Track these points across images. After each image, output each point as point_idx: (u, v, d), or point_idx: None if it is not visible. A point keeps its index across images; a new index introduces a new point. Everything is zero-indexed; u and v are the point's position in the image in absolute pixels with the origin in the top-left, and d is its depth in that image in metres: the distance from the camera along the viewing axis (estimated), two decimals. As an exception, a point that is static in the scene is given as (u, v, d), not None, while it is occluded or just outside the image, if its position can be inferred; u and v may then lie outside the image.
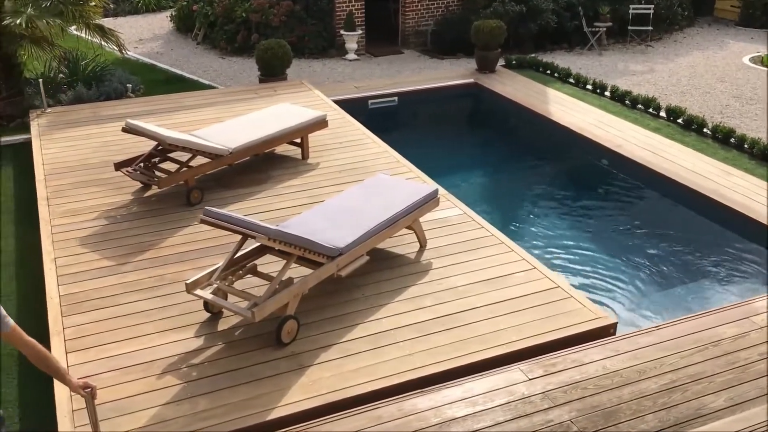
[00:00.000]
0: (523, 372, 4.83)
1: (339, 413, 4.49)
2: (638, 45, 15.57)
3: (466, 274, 5.99)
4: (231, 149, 7.36)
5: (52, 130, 9.08)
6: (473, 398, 4.60)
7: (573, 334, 5.28)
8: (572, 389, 4.68)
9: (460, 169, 9.62)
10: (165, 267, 6.10)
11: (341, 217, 5.78)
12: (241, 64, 13.67)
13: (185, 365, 4.91)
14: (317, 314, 5.44)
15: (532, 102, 11.12)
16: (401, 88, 11.79)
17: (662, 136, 9.69)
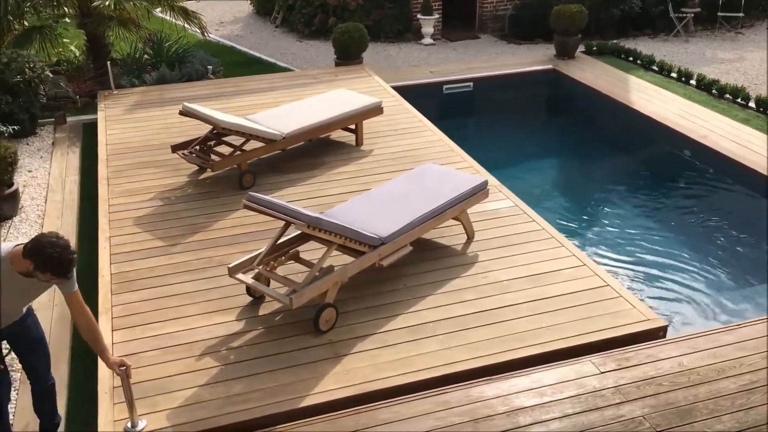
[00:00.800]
0: (594, 365, 4.75)
1: (406, 396, 4.51)
2: (728, 32, 14.87)
3: (512, 269, 5.88)
4: (284, 134, 7.41)
5: (117, 112, 9.34)
6: (541, 389, 4.56)
7: (617, 336, 5.11)
8: (646, 385, 4.58)
9: (531, 158, 9.49)
10: (214, 249, 6.21)
11: (386, 206, 5.75)
12: (317, 47, 13.78)
13: (224, 348, 4.99)
14: (357, 303, 5.44)
15: (613, 90, 10.79)
16: (477, 73, 11.63)
17: (751, 127, 9.29)
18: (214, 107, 8.72)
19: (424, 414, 4.36)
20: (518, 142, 10.08)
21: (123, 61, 11.08)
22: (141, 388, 4.60)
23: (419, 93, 10.83)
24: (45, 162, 8.57)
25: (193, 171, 7.60)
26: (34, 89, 9.13)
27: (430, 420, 4.33)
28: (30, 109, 9.14)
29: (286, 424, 4.34)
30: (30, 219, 7.28)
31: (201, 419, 4.41)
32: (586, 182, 8.92)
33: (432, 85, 11.22)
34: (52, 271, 3.70)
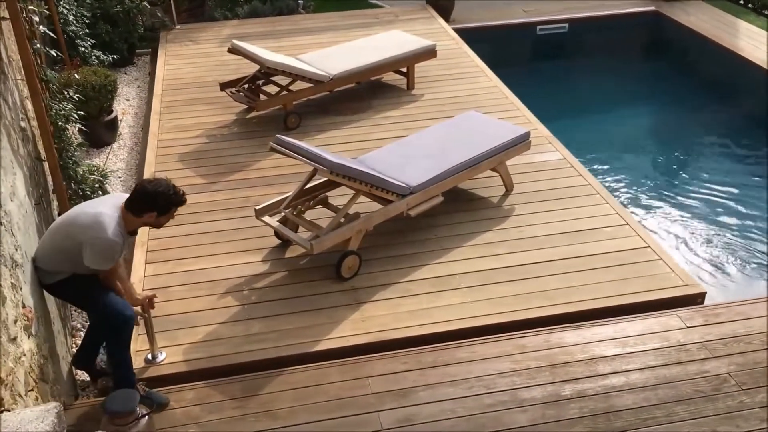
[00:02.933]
0: (681, 319, 4.68)
1: (485, 337, 4.55)
2: None
3: (550, 224, 5.69)
4: (332, 75, 7.31)
5: (178, 48, 9.43)
6: (624, 339, 4.52)
7: (654, 300, 4.91)
8: (734, 342, 4.48)
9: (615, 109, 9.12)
10: (252, 189, 6.25)
11: (420, 154, 5.62)
12: None
13: (248, 288, 5.06)
14: (384, 251, 5.39)
15: (720, 35, 10.13)
16: (573, 14, 11.04)
17: None
18: (268, 46, 8.69)
19: (502, 355, 4.40)
20: (604, 91, 9.64)
21: None
22: (164, 322, 4.72)
23: (509, 34, 10.50)
24: (142, 92, 8.77)
25: (241, 110, 7.62)
26: (132, 19, 9.30)
27: (507, 362, 4.36)
28: (129, 39, 9.36)
29: (311, 364, 4.39)
30: (127, 146, 7.55)
31: (218, 355, 4.50)
32: (670, 137, 8.47)
33: (525, 25, 10.76)
34: (177, 204, 3.90)
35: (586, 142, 7.80)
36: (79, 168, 5.69)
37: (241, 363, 4.46)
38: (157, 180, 3.90)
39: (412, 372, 4.31)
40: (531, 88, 8.23)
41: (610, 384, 4.19)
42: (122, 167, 7.06)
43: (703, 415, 3.97)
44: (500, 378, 4.25)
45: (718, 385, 4.16)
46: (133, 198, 3.84)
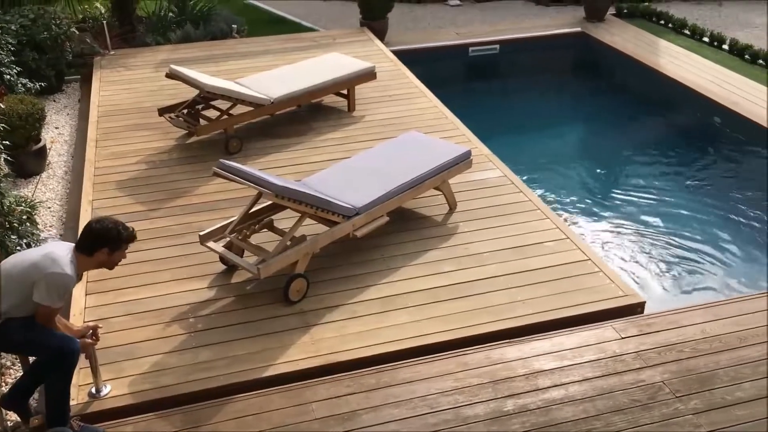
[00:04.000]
0: (616, 330, 4.77)
1: (427, 356, 4.55)
2: None
3: (493, 241, 5.80)
4: (273, 99, 7.31)
5: (112, 73, 9.28)
6: (562, 352, 4.59)
7: (594, 312, 5.03)
8: (667, 351, 4.59)
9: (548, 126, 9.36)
10: (195, 215, 6.18)
11: (364, 175, 5.67)
12: (342, 6, 13.59)
13: (194, 315, 4.98)
14: (331, 273, 5.39)
15: (642, 54, 10.56)
16: (504, 35, 11.41)
17: None
18: (207, 70, 8.63)
19: (444, 374, 4.42)
20: (537, 108, 9.92)
21: (148, 18, 10.97)
22: (108, 354, 4.60)
23: (444, 55, 10.74)
24: (72, 119, 8.55)
25: (181, 135, 7.54)
26: (60, 46, 9.08)
27: (449, 380, 4.39)
28: (57, 66, 9.12)
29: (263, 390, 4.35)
30: (57, 175, 7.30)
31: (165, 386, 4.41)
32: (603, 152, 8.75)
33: (458, 47, 11.05)
34: (128, 240, 3.95)
35: (524, 158, 7.98)
36: (5, 199, 5.48)
37: (190, 393, 4.38)
38: (103, 217, 3.96)
39: (356, 395, 4.30)
40: (467, 108, 8.42)
41: (550, 397, 4.26)
42: (52, 197, 6.83)
43: (640, 424, 4.06)
44: (443, 397, 4.27)
45: (653, 394, 4.26)
46: (83, 238, 3.88)
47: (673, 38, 11.27)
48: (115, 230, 3.86)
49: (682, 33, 11.52)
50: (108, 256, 3.90)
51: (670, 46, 10.88)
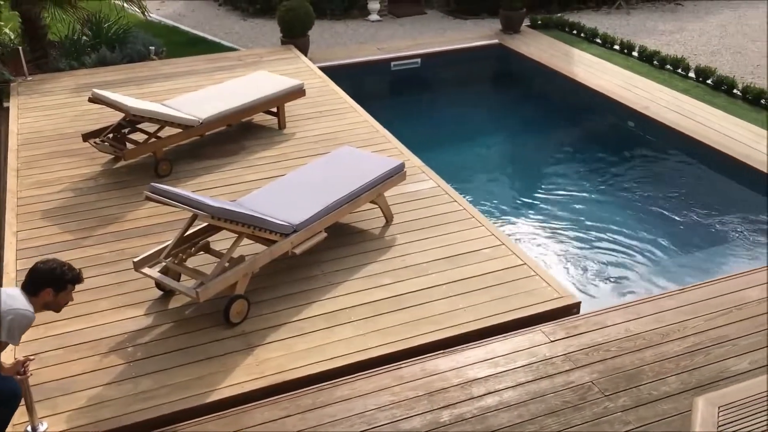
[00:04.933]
0: (545, 334, 4.85)
1: (364, 372, 4.52)
2: (668, 3, 15.19)
3: (430, 251, 5.86)
4: (202, 119, 7.23)
5: (30, 99, 8.99)
6: (495, 359, 4.63)
7: (533, 315, 5.14)
8: (594, 351, 4.69)
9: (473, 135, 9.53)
10: (127, 241, 6.03)
11: (300, 192, 5.65)
12: (263, 25, 13.57)
13: (133, 344, 4.85)
14: (271, 292, 5.35)
15: (558, 63, 10.89)
16: (424, 49, 11.60)
17: (691, 97, 9.48)
18: (131, 93, 8.46)
19: (380, 389, 4.40)
20: (461, 119, 10.10)
21: (61, 43, 10.65)
22: (43, 390, 4.44)
23: (367, 71, 10.85)
24: None
25: (108, 160, 7.35)
26: None
27: (386, 395, 4.37)
28: None
29: (208, 416, 4.26)
30: None
31: (105, 419, 4.28)
32: (527, 159, 8.98)
33: (380, 62, 11.18)
34: (73, 280, 3.97)
35: (453, 168, 8.10)
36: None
37: (131, 424, 4.27)
38: (50, 259, 3.97)
39: (292, 417, 4.24)
40: (393, 121, 8.51)
41: (485, 405, 4.29)
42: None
43: (572, 425, 4.13)
44: (380, 412, 4.25)
45: (583, 394, 4.35)
46: (28, 278, 3.84)
47: (586, 47, 11.68)
48: (59, 270, 3.87)
49: (594, 42, 11.95)
50: (53, 297, 3.87)
51: (583, 55, 11.26)
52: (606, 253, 6.78)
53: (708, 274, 6.15)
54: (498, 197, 7.81)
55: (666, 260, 6.68)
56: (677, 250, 6.83)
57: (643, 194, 7.80)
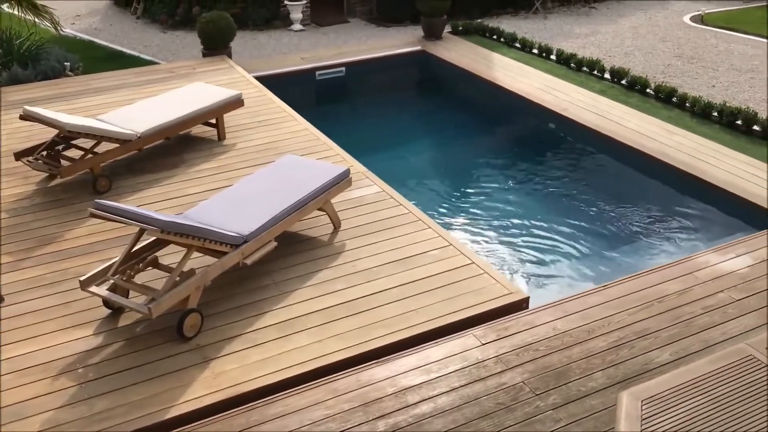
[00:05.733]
0: (476, 337, 4.89)
1: (298, 387, 4.47)
2: (582, 7, 15.69)
3: (380, 255, 5.92)
4: (139, 133, 7.11)
5: (-46, 118, 8.66)
6: (428, 366, 4.64)
7: (483, 312, 5.26)
8: (524, 351, 4.75)
9: (403, 140, 9.64)
10: (69, 261, 5.89)
11: (247, 202, 5.64)
12: (183, 38, 13.35)
13: (85, 364, 4.75)
14: (224, 304, 5.31)
15: (479, 68, 11.09)
16: (348, 58, 11.65)
17: (607, 97, 9.78)
18: (61, 109, 8.26)
19: (315, 403, 4.36)
20: (390, 125, 10.22)
21: None
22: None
23: (292, 81, 10.82)
24: None
25: (42, 178, 7.16)
26: None
27: (321, 409, 4.34)
28: None
29: None
30: None
31: (61, 443, 4.18)
32: (458, 161, 9.13)
33: (304, 72, 11.17)
34: None
35: (388, 174, 8.15)
36: None
37: (89, 446, 4.19)
38: None
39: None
40: (321, 130, 8.51)
41: (420, 412, 4.30)
42: None
43: (506, 426, 4.19)
44: (316, 427, 4.21)
45: (515, 395, 4.41)
46: None
47: (506, 51, 11.97)
48: None
49: (514, 46, 12.25)
50: None
51: (503, 59, 11.54)
52: (535, 251, 6.94)
53: (631, 269, 6.33)
54: (427, 200, 7.93)
55: (591, 256, 6.89)
56: (602, 246, 7.05)
57: (566, 193, 8.06)
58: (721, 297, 5.27)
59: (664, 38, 13.24)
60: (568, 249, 6.95)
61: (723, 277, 5.52)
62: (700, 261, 5.75)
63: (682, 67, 11.52)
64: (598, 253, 6.94)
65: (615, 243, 7.10)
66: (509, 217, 7.54)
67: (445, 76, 11.80)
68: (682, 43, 12.92)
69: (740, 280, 5.47)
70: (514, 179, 8.47)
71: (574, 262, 6.78)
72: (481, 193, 8.17)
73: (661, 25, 14.25)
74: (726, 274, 5.55)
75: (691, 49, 12.54)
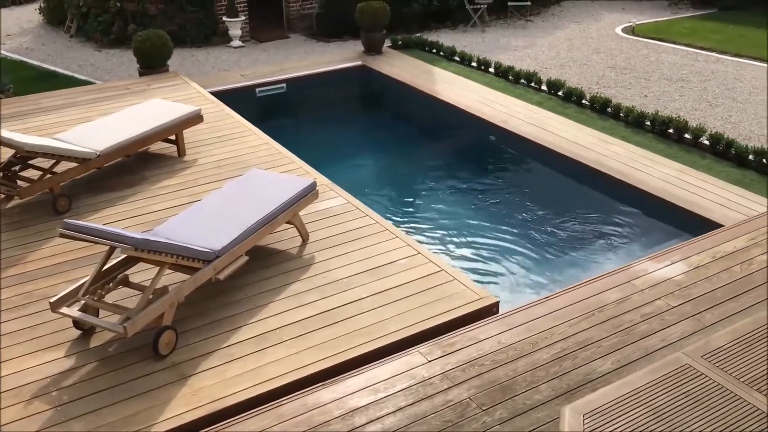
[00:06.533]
0: (422, 354, 4.85)
1: (245, 413, 4.37)
2: (519, 20, 15.98)
3: (350, 266, 5.96)
4: (98, 152, 7.01)
5: None
6: (375, 386, 4.57)
7: (457, 317, 5.34)
8: (470, 367, 4.73)
9: (349, 155, 9.62)
10: (34, 282, 5.76)
11: (216, 218, 5.62)
12: (119, 56, 13.13)
13: (58, 387, 4.65)
14: (198, 320, 5.28)
15: (419, 82, 11.19)
16: (289, 74, 11.64)
17: (545, 109, 9.95)
18: (16, 128, 8.09)
19: (260, 430, 4.24)
20: (332, 140, 10.20)
21: None
22: (-35, 446, 4.19)
23: (232, 98, 10.67)
24: None
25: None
26: None
27: None
28: None
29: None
30: None
31: (39, 468, 4.10)
32: (405, 174, 9.17)
33: (244, 89, 11.10)
34: None
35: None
36: None
37: (68, 469, 4.11)
38: None
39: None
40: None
41: None
42: None
43: None
44: None
45: (462, 411, 4.37)
46: None
47: (446, 65, 12.09)
48: None
49: (453, 60, 12.39)
50: None
51: (443, 73, 11.64)
52: (478, 263, 7.01)
53: (573, 278, 6.42)
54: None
55: (533, 268, 6.93)
56: (543, 256, 7.11)
57: (506, 204, 8.12)
58: (659, 304, 5.28)
59: (597, 49, 13.58)
60: (508, 263, 7.00)
61: (660, 284, 5.53)
62: (638, 269, 5.74)
63: (616, 78, 11.82)
64: (540, 264, 6.99)
65: (557, 253, 7.17)
66: (450, 230, 7.58)
67: (386, 90, 11.85)
68: (614, 54, 13.26)
69: (676, 286, 5.48)
70: (454, 190, 8.52)
71: (517, 275, 6.82)
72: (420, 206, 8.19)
73: (594, 36, 14.62)
74: (662, 281, 5.57)
75: (624, 59, 12.89)
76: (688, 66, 12.43)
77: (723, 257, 5.84)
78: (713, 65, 12.44)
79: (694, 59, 12.84)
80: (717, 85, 11.34)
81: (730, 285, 5.47)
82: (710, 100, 10.66)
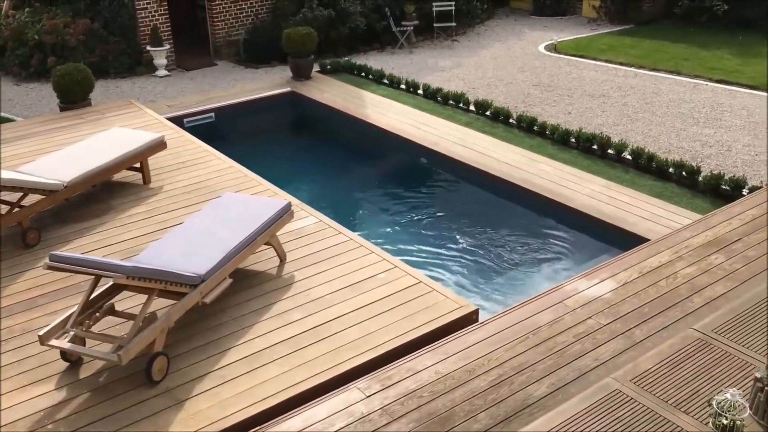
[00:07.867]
0: (360, 390, 4.65)
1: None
2: (445, 41, 16.25)
3: (330, 282, 6.07)
4: (66, 183, 6.96)
5: None
6: (312, 426, 4.33)
7: (440, 327, 5.50)
8: (408, 400, 4.55)
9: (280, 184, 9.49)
10: (12, 318, 5.69)
11: (197, 243, 5.66)
12: (39, 90, 12.79)
13: (52, 420, 4.62)
14: (187, 344, 5.30)
15: (350, 107, 11.22)
16: (217, 102, 11.59)
17: (473, 129, 10.12)
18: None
19: None
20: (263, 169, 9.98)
21: None
22: (-38, 486, 4.13)
23: None
24: None
25: (-37, 236, 6.85)
26: None
27: None
28: None
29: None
30: None
31: (42, 503, 4.07)
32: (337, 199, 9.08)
33: (172, 120, 10.63)
34: None
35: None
36: None
37: (71, 502, 4.09)
38: None
39: None
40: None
41: None
42: None
43: None
44: None
45: None
46: None
47: (375, 88, 12.21)
48: None
49: (382, 83, 12.54)
50: None
51: (373, 96, 11.73)
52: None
53: (507, 300, 6.49)
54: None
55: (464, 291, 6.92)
56: (476, 278, 7.11)
57: (438, 227, 8.14)
58: (590, 323, 5.22)
59: (522, 68, 13.73)
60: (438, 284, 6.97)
61: (590, 302, 5.47)
62: (569, 288, 5.67)
63: (541, 96, 11.97)
64: (473, 286, 6.99)
65: (489, 275, 7.18)
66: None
67: (316, 116, 11.77)
68: (539, 72, 13.45)
69: (606, 305, 5.43)
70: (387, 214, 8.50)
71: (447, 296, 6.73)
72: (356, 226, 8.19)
73: (518, 55, 14.81)
74: (593, 299, 5.51)
75: (548, 77, 13.08)
76: (609, 81, 12.74)
77: (649, 272, 5.83)
78: (632, 80, 12.82)
79: (614, 74, 13.22)
80: (636, 99, 11.67)
81: (656, 300, 5.46)
82: (630, 114, 10.94)
